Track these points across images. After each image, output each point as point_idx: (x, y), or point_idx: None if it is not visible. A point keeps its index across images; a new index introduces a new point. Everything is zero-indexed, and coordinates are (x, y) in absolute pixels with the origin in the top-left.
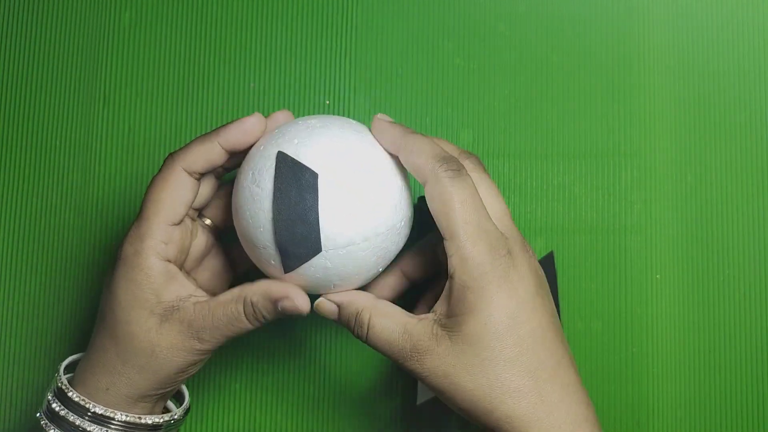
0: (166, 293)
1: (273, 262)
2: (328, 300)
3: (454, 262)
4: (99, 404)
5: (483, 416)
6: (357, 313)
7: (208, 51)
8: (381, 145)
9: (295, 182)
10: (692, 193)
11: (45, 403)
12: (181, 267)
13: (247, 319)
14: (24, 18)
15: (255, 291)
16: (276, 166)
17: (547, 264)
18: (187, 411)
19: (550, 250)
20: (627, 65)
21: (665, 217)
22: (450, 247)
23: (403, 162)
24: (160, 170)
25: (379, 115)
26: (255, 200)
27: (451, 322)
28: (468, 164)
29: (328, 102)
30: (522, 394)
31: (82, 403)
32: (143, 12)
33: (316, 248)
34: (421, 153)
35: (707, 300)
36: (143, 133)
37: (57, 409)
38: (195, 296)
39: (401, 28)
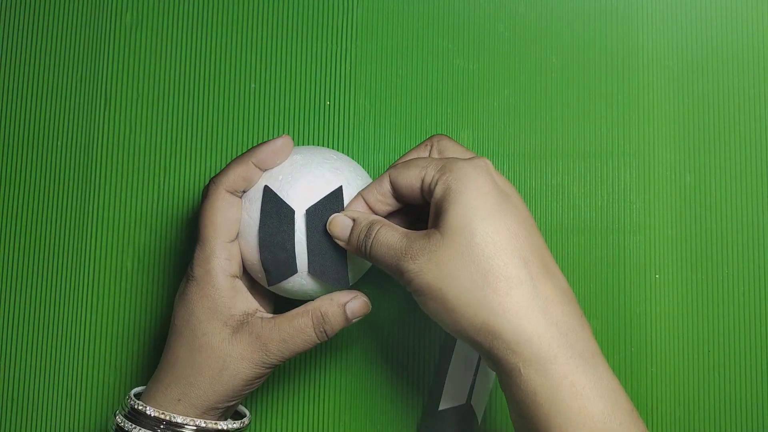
0: (235, 308)
1: (260, 275)
2: (345, 215)
3: (436, 175)
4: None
5: (473, 314)
6: (370, 225)
7: (209, 52)
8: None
9: (276, 215)
10: (691, 193)
11: (114, 425)
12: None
13: (314, 331)
14: (25, 19)
15: (322, 303)
16: (262, 199)
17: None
18: (248, 423)
19: None
20: (626, 66)
21: (664, 217)
22: (433, 169)
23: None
24: (206, 196)
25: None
26: (245, 225)
27: (441, 218)
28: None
29: (328, 103)
30: (515, 281)
31: (159, 416)
32: (144, 13)
33: (292, 270)
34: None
35: (706, 299)
36: (144, 133)
37: (128, 428)
38: (260, 311)
39: (401, 29)
